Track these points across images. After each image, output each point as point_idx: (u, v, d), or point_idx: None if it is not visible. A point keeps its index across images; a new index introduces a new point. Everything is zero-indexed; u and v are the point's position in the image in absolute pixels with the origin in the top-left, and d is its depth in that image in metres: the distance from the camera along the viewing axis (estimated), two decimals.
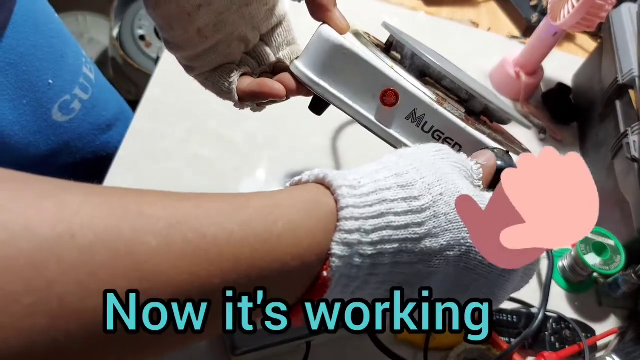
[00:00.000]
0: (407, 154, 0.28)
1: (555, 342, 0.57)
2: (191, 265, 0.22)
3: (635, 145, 0.60)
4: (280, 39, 0.43)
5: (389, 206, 0.25)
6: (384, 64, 0.38)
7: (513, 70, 0.75)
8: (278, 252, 0.23)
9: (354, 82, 0.38)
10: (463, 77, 0.41)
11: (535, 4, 0.86)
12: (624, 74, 0.65)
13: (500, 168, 0.33)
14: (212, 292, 0.22)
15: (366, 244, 0.24)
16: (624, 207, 0.60)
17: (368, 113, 0.39)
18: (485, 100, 0.39)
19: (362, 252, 0.24)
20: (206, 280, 0.22)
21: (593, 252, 0.58)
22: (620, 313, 0.62)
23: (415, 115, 0.38)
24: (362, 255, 0.25)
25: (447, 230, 0.26)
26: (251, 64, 0.42)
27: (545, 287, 0.57)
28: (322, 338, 0.51)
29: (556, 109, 0.76)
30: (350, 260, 0.24)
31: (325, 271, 0.24)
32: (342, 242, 0.24)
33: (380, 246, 0.25)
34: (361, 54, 0.37)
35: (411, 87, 0.38)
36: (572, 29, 0.65)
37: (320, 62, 0.38)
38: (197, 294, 0.22)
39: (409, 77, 0.38)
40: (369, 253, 0.25)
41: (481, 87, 0.43)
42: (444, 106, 0.38)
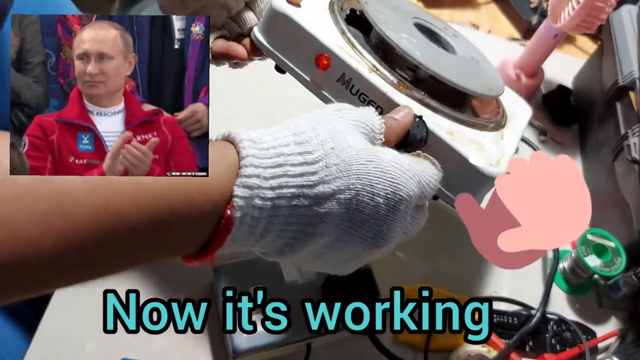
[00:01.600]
0: (308, 115, 0.33)
1: (556, 344, 0.57)
2: (106, 194, 0.25)
3: (636, 147, 0.60)
4: (262, 4, 0.48)
5: (286, 159, 0.29)
6: (320, 31, 0.43)
7: (513, 72, 0.75)
8: (184, 189, 0.27)
9: (294, 47, 0.44)
10: (421, 47, 0.45)
11: (535, 5, 0.86)
12: (624, 76, 0.65)
13: (411, 131, 0.38)
14: (128, 221, 0.26)
15: (265, 188, 0.29)
16: (625, 208, 0.60)
17: (306, 75, 0.44)
18: (428, 69, 0.43)
19: (263, 195, 0.29)
20: (120, 208, 0.25)
21: (593, 253, 0.58)
22: (621, 315, 0.62)
23: (344, 79, 0.43)
24: (263, 198, 0.29)
25: (338, 178, 0.30)
26: (232, 27, 0.48)
27: (547, 285, 0.57)
28: (322, 340, 0.51)
29: (556, 110, 0.76)
30: (251, 202, 0.28)
31: (229, 210, 0.28)
32: (242, 184, 0.28)
33: (279, 191, 0.29)
34: (299, 22, 0.43)
35: (341, 52, 0.42)
36: (572, 30, 0.66)
37: (268, 29, 0.44)
38: (112, 220, 0.25)
39: (345, 45, 0.43)
40: (269, 196, 0.29)
41: (445, 62, 0.47)
42: (375, 73, 0.42)
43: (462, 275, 0.61)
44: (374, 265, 0.53)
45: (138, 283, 0.53)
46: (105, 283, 0.53)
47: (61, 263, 0.25)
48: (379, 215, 0.32)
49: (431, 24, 0.53)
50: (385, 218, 0.32)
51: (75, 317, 0.51)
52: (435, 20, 0.54)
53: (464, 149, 0.43)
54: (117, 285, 0.53)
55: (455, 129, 0.46)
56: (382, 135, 0.35)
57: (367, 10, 0.45)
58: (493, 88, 0.49)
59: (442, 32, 0.53)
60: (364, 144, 0.32)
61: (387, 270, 0.59)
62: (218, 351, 0.51)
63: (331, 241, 0.32)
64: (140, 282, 0.53)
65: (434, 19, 0.54)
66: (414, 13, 0.52)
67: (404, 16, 0.50)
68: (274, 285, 0.50)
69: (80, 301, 0.52)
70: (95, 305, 0.52)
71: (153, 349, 0.50)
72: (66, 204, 0.24)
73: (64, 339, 0.50)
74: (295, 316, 0.49)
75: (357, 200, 0.31)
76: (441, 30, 0.53)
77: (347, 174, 0.31)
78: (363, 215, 0.31)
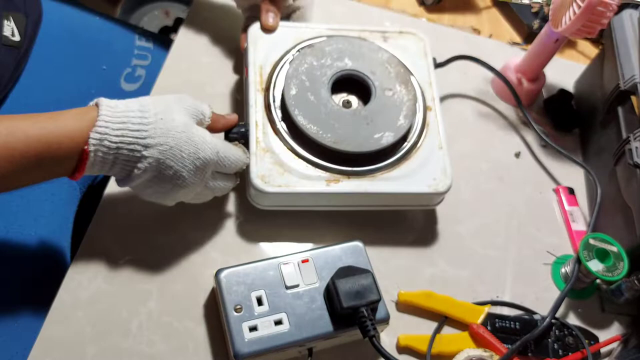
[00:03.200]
0: (157, 97, 0.50)
1: (558, 349, 0.56)
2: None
3: (638, 152, 0.60)
4: None
5: (129, 119, 0.46)
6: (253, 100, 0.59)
7: (515, 77, 0.75)
8: (54, 129, 0.44)
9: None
10: (329, 130, 0.57)
11: (536, 10, 0.86)
12: (625, 80, 0.65)
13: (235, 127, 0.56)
14: (20, 156, 0.43)
15: (112, 136, 0.45)
16: (627, 213, 0.59)
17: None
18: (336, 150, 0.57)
19: (109, 139, 0.45)
20: (17, 147, 0.42)
21: (596, 258, 0.58)
22: (624, 319, 0.61)
23: None
24: (110, 142, 0.45)
25: (160, 136, 0.47)
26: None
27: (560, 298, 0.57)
28: (323, 344, 0.51)
29: (558, 115, 0.77)
30: (102, 143, 0.45)
31: (86, 145, 0.45)
32: (96, 132, 0.45)
33: (121, 137, 0.45)
34: (249, 59, 0.62)
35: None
36: (573, 35, 0.66)
37: None
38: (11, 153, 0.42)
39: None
40: (114, 140, 0.45)
41: (346, 136, 0.58)
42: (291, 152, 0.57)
43: (464, 280, 0.61)
44: (376, 271, 0.53)
45: (146, 286, 0.53)
46: (113, 283, 0.53)
47: None
48: (183, 164, 0.48)
49: (353, 72, 0.61)
50: (185, 167, 0.48)
51: (76, 322, 0.51)
52: (362, 52, 0.64)
53: (414, 189, 0.57)
54: (128, 288, 0.53)
55: (394, 175, 0.57)
56: (209, 121, 0.52)
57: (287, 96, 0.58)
58: (398, 128, 0.59)
59: (364, 73, 0.61)
60: (184, 121, 0.49)
61: (390, 275, 0.59)
62: (219, 355, 0.51)
63: (152, 177, 0.48)
64: (146, 285, 0.54)
65: (360, 48, 0.64)
66: (340, 65, 0.61)
67: (324, 80, 0.60)
68: (276, 290, 0.50)
69: (81, 306, 0.52)
70: (97, 310, 0.52)
71: (154, 353, 0.50)
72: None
73: (65, 344, 0.50)
74: (297, 320, 0.49)
75: (170, 152, 0.47)
76: (363, 72, 0.61)
77: (166, 135, 0.47)
78: (171, 162, 0.47)
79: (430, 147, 0.60)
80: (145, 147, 0.46)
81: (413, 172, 0.58)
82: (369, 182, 0.56)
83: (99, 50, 0.72)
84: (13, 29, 0.60)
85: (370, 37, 0.66)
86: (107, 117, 0.45)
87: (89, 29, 0.73)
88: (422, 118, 0.61)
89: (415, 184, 0.57)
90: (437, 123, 0.61)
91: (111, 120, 0.45)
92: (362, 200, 0.58)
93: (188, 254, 0.56)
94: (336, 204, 0.58)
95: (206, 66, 0.69)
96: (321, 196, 0.56)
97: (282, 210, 0.59)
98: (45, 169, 0.45)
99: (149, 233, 0.57)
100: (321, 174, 0.56)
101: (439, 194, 0.58)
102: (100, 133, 0.45)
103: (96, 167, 0.46)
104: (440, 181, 0.57)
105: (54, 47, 0.67)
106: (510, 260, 0.64)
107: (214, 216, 0.59)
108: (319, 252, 0.53)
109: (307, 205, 0.58)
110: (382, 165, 0.57)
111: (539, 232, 0.67)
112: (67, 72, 0.68)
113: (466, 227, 0.65)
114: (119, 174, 0.48)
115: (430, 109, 0.62)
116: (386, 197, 0.57)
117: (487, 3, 0.92)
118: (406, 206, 0.60)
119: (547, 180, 0.71)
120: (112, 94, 0.71)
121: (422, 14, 0.87)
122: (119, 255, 0.55)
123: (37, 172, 0.45)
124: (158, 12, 1.26)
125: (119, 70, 0.74)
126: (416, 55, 0.66)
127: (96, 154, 0.45)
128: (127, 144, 0.46)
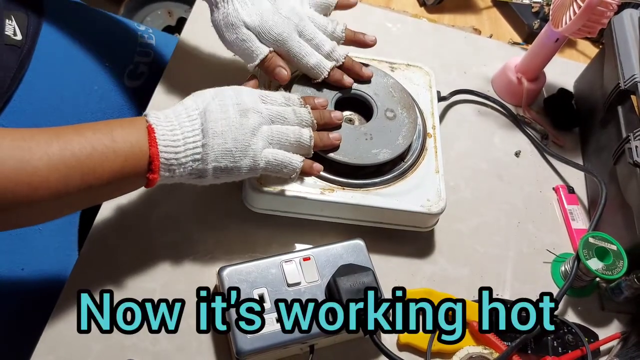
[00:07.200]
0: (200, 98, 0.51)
1: (558, 346, 0.57)
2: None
3: (638, 151, 0.60)
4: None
5: (187, 146, 0.47)
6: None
7: (515, 76, 0.75)
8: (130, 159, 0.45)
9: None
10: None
11: (536, 10, 0.86)
12: (625, 80, 0.65)
13: None
14: (99, 178, 0.44)
15: (177, 165, 0.47)
16: (627, 212, 0.60)
17: None
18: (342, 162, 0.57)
19: (177, 167, 0.47)
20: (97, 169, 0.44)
21: (596, 257, 0.58)
22: (623, 318, 0.62)
23: None
24: (177, 165, 0.47)
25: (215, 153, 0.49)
26: None
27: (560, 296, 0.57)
28: (325, 341, 0.51)
29: (558, 114, 0.77)
30: (170, 165, 0.47)
31: (157, 173, 0.46)
32: (163, 157, 0.46)
33: (184, 163, 0.47)
34: None
35: None
36: (573, 35, 0.66)
37: None
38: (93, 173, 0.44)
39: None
40: (181, 168, 0.47)
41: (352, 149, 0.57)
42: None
43: (464, 278, 0.61)
44: (377, 269, 0.53)
45: (149, 285, 0.54)
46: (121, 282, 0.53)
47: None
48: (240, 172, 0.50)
49: (356, 92, 0.61)
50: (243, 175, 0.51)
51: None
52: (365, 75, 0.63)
53: (409, 207, 0.57)
54: (132, 285, 0.54)
55: (390, 192, 0.58)
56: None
57: None
58: (396, 146, 0.59)
59: (367, 94, 0.61)
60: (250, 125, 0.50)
61: (390, 272, 0.60)
62: (222, 352, 0.52)
63: (214, 179, 0.50)
64: (150, 283, 0.54)
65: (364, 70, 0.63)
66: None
67: (328, 97, 0.59)
68: (278, 287, 0.50)
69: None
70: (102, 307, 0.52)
71: (158, 351, 0.51)
72: None
73: (70, 341, 0.50)
74: (298, 317, 0.49)
75: (225, 159, 0.49)
76: (366, 92, 0.62)
77: (224, 140, 0.48)
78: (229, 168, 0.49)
79: (427, 170, 0.60)
80: (204, 166, 0.48)
81: (408, 191, 0.58)
82: (362, 195, 0.57)
83: (102, 47, 0.72)
84: (15, 28, 0.60)
85: (378, 66, 0.66)
86: (171, 148, 0.47)
87: (92, 26, 0.73)
88: (421, 143, 0.62)
89: (409, 203, 0.57)
90: (436, 149, 0.62)
91: (175, 150, 0.47)
92: (355, 214, 0.58)
93: (191, 252, 0.57)
94: (328, 214, 0.58)
95: (209, 66, 0.70)
96: (314, 204, 0.56)
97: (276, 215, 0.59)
98: (117, 189, 0.48)
99: (152, 232, 0.57)
100: (317, 182, 0.56)
101: (432, 215, 0.59)
102: (170, 165, 0.47)
103: (164, 180, 0.48)
104: (434, 203, 0.58)
105: (57, 45, 0.67)
106: (510, 258, 0.64)
107: (217, 215, 0.59)
108: (320, 250, 0.53)
109: (299, 212, 0.58)
110: (377, 181, 0.58)
111: (538, 230, 0.67)
112: (71, 70, 0.68)
113: (466, 225, 0.65)
114: (185, 181, 0.50)
115: (431, 136, 0.63)
116: (378, 211, 0.57)
117: (488, 3, 0.92)
118: (399, 225, 0.60)
119: (547, 179, 0.72)
120: (115, 91, 0.71)
121: (422, 14, 0.88)
122: (122, 254, 0.55)
123: (109, 192, 0.48)
124: (161, 12, 1.26)
125: (122, 67, 0.74)
126: (421, 86, 0.68)
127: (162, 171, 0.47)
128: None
